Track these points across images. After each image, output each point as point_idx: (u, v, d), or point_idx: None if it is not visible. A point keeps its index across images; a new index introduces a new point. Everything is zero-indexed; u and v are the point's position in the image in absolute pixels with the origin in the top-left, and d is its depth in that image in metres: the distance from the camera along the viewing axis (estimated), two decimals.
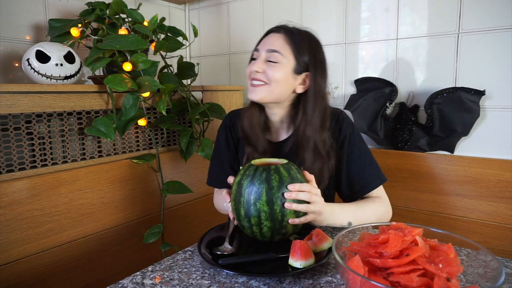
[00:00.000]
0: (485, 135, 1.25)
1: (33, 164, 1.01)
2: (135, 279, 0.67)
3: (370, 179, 0.96)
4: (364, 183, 0.96)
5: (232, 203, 0.77)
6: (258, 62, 0.93)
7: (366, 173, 0.96)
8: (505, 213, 1.20)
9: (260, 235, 0.75)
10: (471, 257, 0.61)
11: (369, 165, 0.97)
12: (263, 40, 0.96)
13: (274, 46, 0.92)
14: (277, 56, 0.91)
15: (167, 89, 1.23)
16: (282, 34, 0.94)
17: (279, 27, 0.96)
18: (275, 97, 0.93)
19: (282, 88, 0.92)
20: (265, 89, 0.92)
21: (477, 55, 1.23)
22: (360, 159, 0.96)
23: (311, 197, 0.75)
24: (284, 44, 0.92)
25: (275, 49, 0.91)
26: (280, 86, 0.92)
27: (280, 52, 0.91)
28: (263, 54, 0.93)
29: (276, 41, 0.93)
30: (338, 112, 1.01)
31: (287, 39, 0.93)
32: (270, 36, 0.95)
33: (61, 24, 1.22)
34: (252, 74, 0.93)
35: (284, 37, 0.93)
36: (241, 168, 0.79)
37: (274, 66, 0.91)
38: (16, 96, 0.96)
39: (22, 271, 0.98)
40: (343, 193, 1.00)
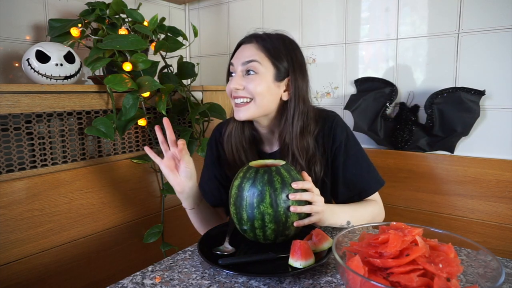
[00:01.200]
0: (485, 135, 1.25)
1: (33, 164, 1.01)
2: (135, 279, 0.67)
3: (368, 184, 0.94)
4: (362, 188, 0.94)
5: (232, 208, 0.76)
6: (236, 79, 0.88)
7: (364, 179, 0.94)
8: (505, 213, 1.20)
9: (263, 238, 0.74)
10: (471, 257, 0.61)
11: (367, 169, 0.95)
12: (236, 53, 0.91)
13: (249, 56, 0.87)
14: (254, 66, 0.86)
15: (167, 89, 1.23)
16: (254, 43, 0.89)
17: (249, 37, 0.91)
18: (262, 110, 0.89)
19: (268, 99, 0.88)
20: (250, 106, 0.87)
21: (477, 55, 1.23)
22: (356, 165, 0.94)
23: (313, 197, 0.75)
24: (258, 52, 0.87)
25: (250, 59, 0.86)
26: (265, 98, 0.87)
27: (257, 61, 0.86)
28: (239, 68, 0.88)
29: (249, 51, 0.88)
30: (331, 117, 0.95)
31: (260, 46, 0.88)
32: (242, 48, 0.90)
33: (61, 24, 1.22)
34: (233, 93, 0.89)
35: (257, 45, 0.88)
36: (239, 171, 0.78)
37: (253, 79, 0.86)
38: (16, 96, 0.96)
39: (22, 271, 0.98)
40: (340, 198, 0.97)
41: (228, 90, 0.91)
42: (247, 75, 0.87)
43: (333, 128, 0.93)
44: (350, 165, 0.94)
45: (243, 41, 0.92)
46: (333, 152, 0.94)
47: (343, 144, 0.93)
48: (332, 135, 0.93)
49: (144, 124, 1.26)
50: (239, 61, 0.88)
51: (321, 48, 1.57)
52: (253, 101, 0.87)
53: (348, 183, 0.94)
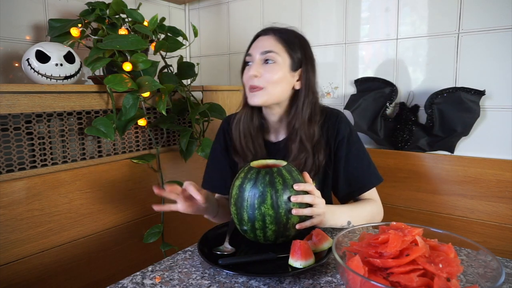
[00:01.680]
0: (485, 135, 1.25)
1: (33, 164, 1.01)
2: (135, 279, 0.67)
3: (368, 179, 0.98)
4: (362, 182, 0.97)
5: (233, 208, 0.76)
6: (254, 66, 0.92)
7: (364, 173, 0.97)
8: (505, 213, 1.20)
9: (264, 239, 0.74)
10: (471, 257, 0.61)
11: (367, 165, 0.99)
12: (254, 44, 0.97)
13: (268, 46, 0.92)
14: (273, 56, 0.91)
15: (167, 89, 1.23)
16: (271, 35, 0.94)
17: (267, 30, 0.97)
18: (275, 98, 0.94)
19: (282, 88, 0.93)
20: (265, 92, 0.92)
21: (477, 55, 1.23)
22: (358, 159, 0.97)
23: (314, 199, 0.75)
24: (276, 43, 0.93)
25: (269, 50, 0.92)
26: (280, 86, 0.92)
27: (275, 51, 0.92)
28: (258, 57, 0.93)
29: (267, 42, 0.93)
30: (336, 112, 1.01)
31: (278, 38, 0.94)
32: (260, 40, 0.96)
33: (61, 24, 1.22)
34: (250, 81, 0.92)
35: (275, 37, 0.94)
36: (240, 171, 0.78)
37: (271, 68, 0.91)
38: (16, 96, 0.96)
39: (22, 271, 0.98)
40: (340, 192, 1.00)
41: (246, 78, 0.95)
42: (266, 64, 0.92)
43: (338, 122, 0.98)
44: (351, 159, 0.97)
45: (260, 33, 0.97)
46: (336, 145, 0.98)
47: (345, 139, 0.97)
48: (336, 128, 0.98)
49: (144, 124, 1.25)
50: (258, 50, 0.93)
51: (321, 48, 1.57)
52: (266, 89, 0.92)
53: (349, 177, 0.97)
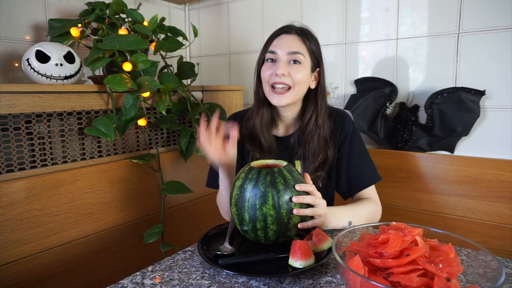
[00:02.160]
0: (485, 135, 1.25)
1: (33, 164, 1.01)
2: (135, 279, 0.67)
3: (367, 176, 1.00)
4: (362, 179, 1.00)
5: (234, 208, 0.76)
6: (282, 65, 0.93)
7: (364, 170, 1.00)
8: (505, 213, 1.20)
9: (265, 239, 0.74)
10: (471, 257, 0.61)
11: (367, 163, 1.02)
12: (277, 41, 0.96)
13: (295, 47, 0.94)
14: (299, 57, 0.93)
15: (167, 89, 1.23)
16: (295, 35, 0.96)
17: (289, 28, 0.97)
18: (297, 98, 0.97)
19: (304, 88, 0.97)
20: (290, 93, 0.94)
21: (477, 55, 1.23)
22: (359, 157, 1.00)
23: (315, 200, 0.76)
24: (301, 44, 0.95)
25: (297, 51, 0.93)
26: (303, 87, 0.96)
27: (301, 53, 0.94)
28: (285, 56, 0.94)
29: (293, 42, 0.95)
30: (342, 112, 1.05)
31: (301, 39, 0.95)
32: (284, 38, 0.96)
33: (61, 24, 1.22)
34: (275, 78, 0.93)
35: (298, 37, 0.95)
36: (241, 171, 0.78)
37: (298, 69, 0.93)
38: (16, 96, 0.96)
39: (22, 271, 0.98)
40: (341, 188, 1.03)
41: (268, 75, 0.95)
42: (293, 63, 0.94)
43: (343, 120, 1.02)
44: (353, 156, 1.00)
45: (283, 30, 0.98)
46: (340, 142, 1.01)
47: (349, 136, 1.01)
48: (341, 126, 1.01)
49: (144, 124, 1.25)
50: (285, 50, 0.94)
51: (321, 48, 1.57)
52: (292, 88, 0.94)
53: (350, 173, 1.01)
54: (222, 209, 1.06)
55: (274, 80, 0.93)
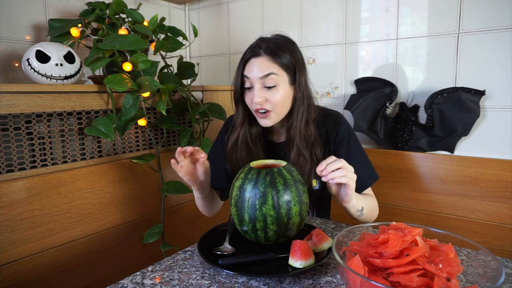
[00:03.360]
0: (485, 135, 1.25)
1: (33, 164, 1.01)
2: (135, 279, 0.67)
3: (366, 178, 1.00)
4: (361, 181, 0.98)
5: (234, 209, 0.76)
6: (257, 93, 0.92)
7: (362, 172, 0.98)
8: (505, 213, 1.20)
9: (265, 239, 0.74)
10: (471, 257, 0.61)
11: (364, 164, 1.01)
12: (248, 67, 0.94)
13: (265, 70, 0.91)
14: (273, 78, 0.91)
15: (167, 89, 1.23)
16: (264, 56, 0.92)
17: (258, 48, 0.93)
18: (282, 115, 0.97)
19: (286, 104, 0.96)
20: (272, 115, 0.95)
21: (477, 55, 1.23)
22: (356, 159, 0.99)
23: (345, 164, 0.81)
24: (272, 64, 0.91)
25: (267, 73, 0.91)
26: (286, 104, 0.96)
27: (274, 73, 0.91)
28: (258, 82, 0.92)
29: (262, 64, 0.91)
30: (336, 114, 1.04)
31: (271, 58, 0.91)
32: (253, 62, 0.93)
33: (61, 24, 1.22)
34: (255, 105, 0.94)
35: (267, 57, 0.91)
36: (240, 171, 0.78)
37: (274, 92, 0.92)
38: (16, 96, 0.96)
39: (22, 271, 0.98)
40: None
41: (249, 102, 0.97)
42: (267, 89, 0.92)
43: (337, 123, 1.01)
44: (351, 159, 0.98)
45: (250, 55, 0.94)
46: (336, 145, 1.01)
47: (345, 139, 1.00)
48: (336, 129, 1.01)
49: (144, 124, 1.26)
50: (256, 75, 0.92)
51: (321, 48, 1.57)
52: (272, 111, 0.94)
53: None
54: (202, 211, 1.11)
55: (255, 107, 0.94)
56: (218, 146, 1.12)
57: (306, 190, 0.76)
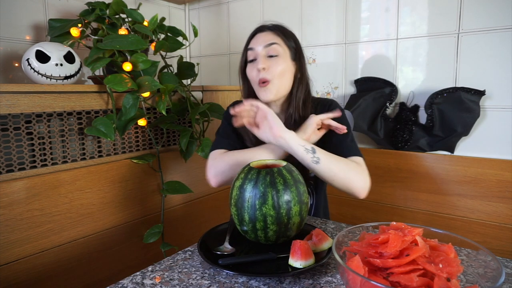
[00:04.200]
0: (485, 135, 1.25)
1: (33, 164, 1.01)
2: (135, 279, 0.67)
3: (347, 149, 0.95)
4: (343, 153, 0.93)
5: (233, 209, 0.76)
6: (260, 59, 0.96)
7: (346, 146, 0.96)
8: (505, 213, 1.20)
9: (265, 239, 0.74)
10: (471, 257, 0.61)
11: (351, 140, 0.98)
12: (253, 40, 1.00)
13: (269, 40, 0.97)
14: (276, 48, 0.96)
15: (167, 89, 1.23)
16: (268, 31, 1.00)
17: (262, 27, 1.02)
18: (284, 90, 0.99)
19: (286, 78, 0.98)
20: (273, 86, 0.96)
21: (477, 55, 1.23)
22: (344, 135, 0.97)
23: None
24: (275, 36, 0.98)
25: (272, 42, 0.97)
26: (285, 78, 0.97)
27: (277, 43, 0.97)
28: (261, 50, 0.97)
29: (267, 36, 0.98)
30: (330, 100, 1.07)
31: (275, 32, 0.99)
32: (258, 36, 1.00)
33: (61, 24, 1.22)
34: (259, 75, 0.96)
35: (271, 32, 0.99)
36: (240, 171, 0.79)
37: (276, 61, 0.96)
38: (16, 96, 0.96)
39: (22, 271, 0.98)
40: None
41: (253, 73, 0.98)
42: (270, 58, 0.96)
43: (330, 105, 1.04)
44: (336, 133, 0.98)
45: (256, 31, 1.02)
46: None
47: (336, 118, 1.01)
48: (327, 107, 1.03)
49: (144, 124, 1.25)
50: (260, 45, 0.97)
51: (321, 48, 1.57)
52: (271, 82, 0.96)
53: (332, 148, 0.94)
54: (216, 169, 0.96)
55: (259, 77, 0.96)
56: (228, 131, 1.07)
57: (306, 190, 0.76)
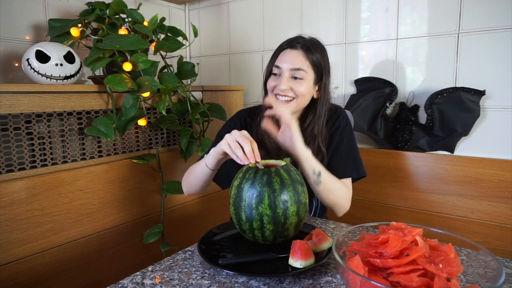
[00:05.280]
0: (485, 135, 1.25)
1: (33, 164, 1.01)
2: (135, 279, 0.67)
3: (348, 167, 1.02)
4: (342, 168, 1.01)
5: (232, 208, 0.76)
6: (284, 81, 0.98)
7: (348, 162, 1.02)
8: (505, 213, 1.20)
9: (262, 239, 0.75)
10: (471, 257, 0.61)
11: (353, 158, 1.04)
12: (282, 56, 1.00)
13: (297, 64, 0.98)
14: (301, 73, 0.98)
15: (167, 89, 1.23)
16: (300, 51, 0.99)
17: (295, 43, 1.00)
18: (300, 107, 1.01)
19: (307, 99, 1.01)
20: (293, 103, 0.99)
21: (477, 55, 1.23)
22: (346, 150, 1.03)
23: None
24: (305, 60, 0.98)
25: (299, 68, 0.97)
26: (305, 98, 1.00)
27: (304, 70, 0.98)
28: (287, 72, 0.98)
29: (296, 58, 0.98)
30: (337, 107, 1.08)
31: (305, 54, 0.99)
32: (288, 53, 1.00)
33: (61, 24, 1.22)
34: (277, 90, 0.99)
35: (303, 53, 0.99)
36: (239, 171, 0.79)
37: (300, 83, 0.98)
38: (16, 96, 0.96)
39: (22, 271, 0.98)
40: None
41: (271, 87, 1.01)
42: (294, 79, 0.98)
43: (337, 114, 1.06)
44: (339, 148, 1.03)
45: (288, 45, 1.01)
46: (331, 133, 1.05)
47: (340, 129, 1.04)
48: (334, 119, 1.05)
49: (144, 124, 1.25)
50: (288, 66, 0.98)
51: None
52: (295, 99, 0.99)
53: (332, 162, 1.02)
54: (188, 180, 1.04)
55: (277, 92, 1.00)
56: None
57: (305, 190, 0.76)
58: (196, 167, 1.02)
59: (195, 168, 1.02)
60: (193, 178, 1.02)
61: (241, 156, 0.79)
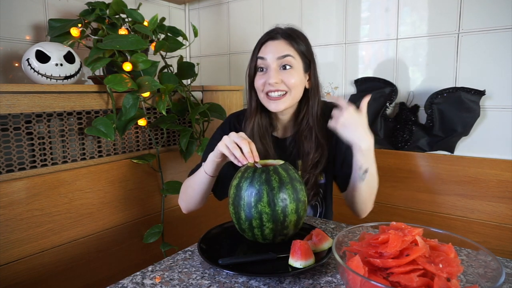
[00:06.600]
0: (485, 135, 1.25)
1: (33, 164, 1.01)
2: (135, 279, 0.67)
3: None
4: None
5: (231, 207, 0.76)
6: (273, 73, 0.91)
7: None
8: (505, 213, 1.20)
9: (262, 238, 0.75)
10: (471, 257, 0.61)
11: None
12: (264, 48, 0.94)
13: (283, 51, 0.91)
14: (289, 60, 0.91)
15: (167, 89, 1.23)
16: (281, 40, 0.93)
17: (275, 33, 0.95)
18: (295, 100, 0.96)
19: (300, 90, 0.95)
20: (287, 98, 0.93)
21: (477, 55, 1.23)
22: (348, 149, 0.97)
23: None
24: (289, 47, 0.92)
25: (286, 54, 0.91)
26: (299, 90, 0.95)
27: (291, 55, 0.92)
28: (274, 63, 0.92)
29: (281, 46, 0.92)
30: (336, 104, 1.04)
31: (289, 42, 0.93)
32: (271, 44, 0.94)
33: (61, 24, 1.22)
34: (268, 87, 0.92)
35: (286, 41, 0.93)
36: (238, 171, 0.79)
37: (291, 73, 0.92)
38: (16, 96, 0.96)
39: (22, 271, 0.98)
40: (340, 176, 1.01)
41: (261, 84, 0.94)
42: (283, 69, 0.92)
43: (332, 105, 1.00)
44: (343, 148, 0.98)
45: (268, 37, 0.95)
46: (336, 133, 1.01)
47: None
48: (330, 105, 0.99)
49: (144, 124, 1.25)
50: (273, 56, 0.92)
51: (321, 48, 1.57)
52: (288, 93, 0.93)
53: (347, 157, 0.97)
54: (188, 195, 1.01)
55: (268, 89, 0.93)
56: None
57: (303, 188, 0.76)
58: (193, 179, 0.98)
59: (192, 180, 0.98)
60: (192, 190, 0.98)
61: (239, 157, 0.78)
